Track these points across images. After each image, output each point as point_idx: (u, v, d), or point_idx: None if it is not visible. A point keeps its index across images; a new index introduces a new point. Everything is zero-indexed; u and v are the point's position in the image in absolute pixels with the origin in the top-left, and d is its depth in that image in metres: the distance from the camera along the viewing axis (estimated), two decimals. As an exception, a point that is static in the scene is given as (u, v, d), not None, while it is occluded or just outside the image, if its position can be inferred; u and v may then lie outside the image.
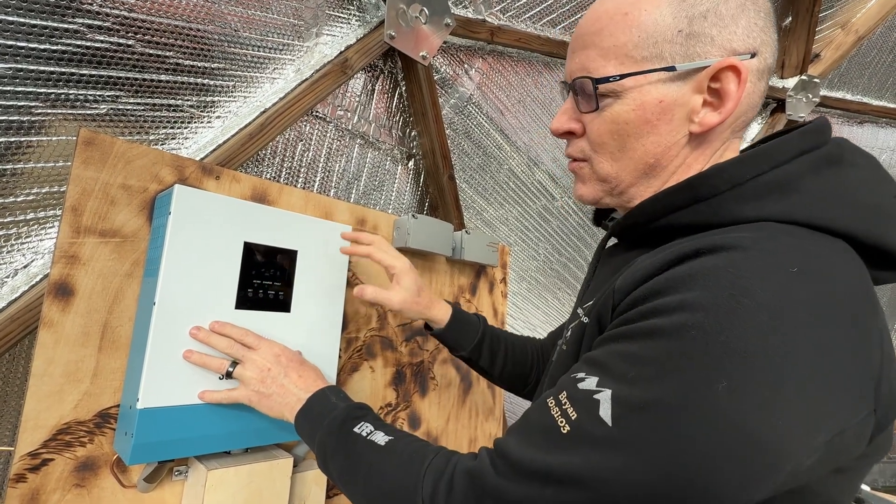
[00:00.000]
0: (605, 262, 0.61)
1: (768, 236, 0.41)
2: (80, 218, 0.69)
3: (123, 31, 0.78)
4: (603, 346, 0.44)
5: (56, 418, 0.67)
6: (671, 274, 0.41)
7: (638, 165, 0.52)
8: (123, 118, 0.84)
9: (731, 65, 0.46)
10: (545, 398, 0.44)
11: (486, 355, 0.88)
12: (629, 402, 0.38)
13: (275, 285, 0.81)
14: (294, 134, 1.11)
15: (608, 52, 0.49)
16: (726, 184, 0.45)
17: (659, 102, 0.49)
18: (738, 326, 0.36)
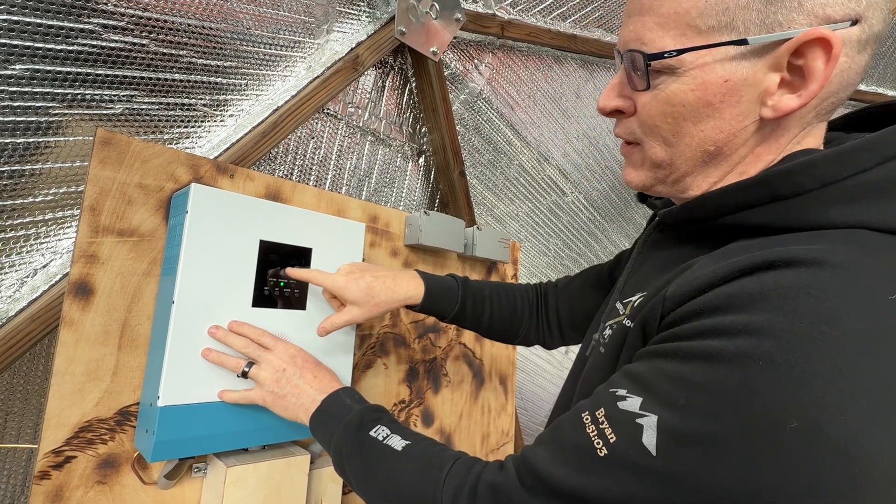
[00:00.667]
0: (651, 253, 0.55)
1: (862, 250, 0.34)
2: (99, 217, 0.70)
3: (138, 31, 0.78)
4: (648, 360, 0.39)
5: (78, 416, 0.68)
6: (737, 287, 0.35)
7: (695, 153, 0.45)
8: (138, 118, 0.84)
9: (821, 36, 0.37)
10: (580, 412, 0.41)
11: (470, 316, 0.85)
12: (677, 433, 0.34)
13: (290, 283, 0.81)
14: (306, 132, 1.11)
15: (667, 21, 0.41)
16: (815, 182, 0.38)
17: (724, 82, 0.41)
18: (817, 361, 0.30)
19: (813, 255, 0.33)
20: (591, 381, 0.49)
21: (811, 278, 0.32)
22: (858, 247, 0.35)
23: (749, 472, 0.31)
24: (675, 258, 0.48)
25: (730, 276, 0.36)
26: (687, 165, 0.46)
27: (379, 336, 1.07)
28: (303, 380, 0.70)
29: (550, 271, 1.86)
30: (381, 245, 1.08)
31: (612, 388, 0.40)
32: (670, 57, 0.41)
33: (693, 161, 0.46)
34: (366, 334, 1.04)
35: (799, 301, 0.31)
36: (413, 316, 1.15)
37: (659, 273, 0.48)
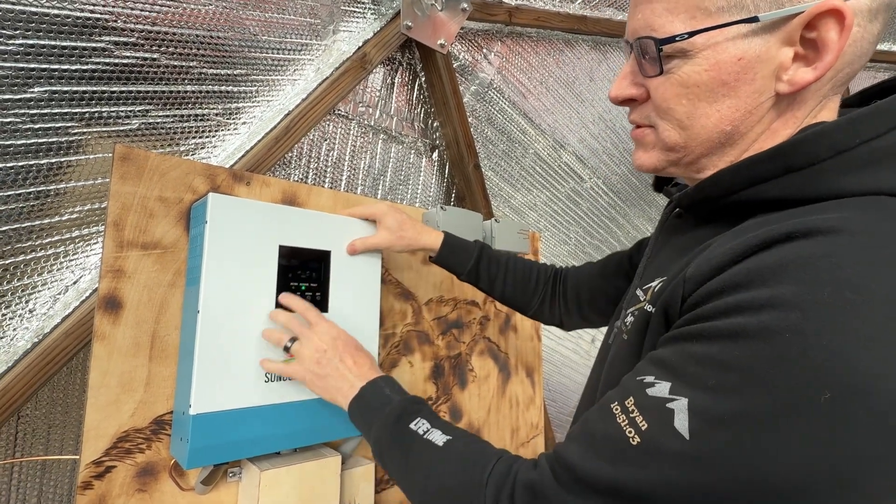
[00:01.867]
0: (670, 239, 0.55)
1: (880, 216, 0.34)
2: (122, 232, 0.71)
3: (148, 46, 0.79)
4: (673, 344, 0.38)
5: (115, 427, 0.69)
6: (756, 262, 0.34)
7: (711, 134, 0.45)
8: (154, 131, 0.85)
9: (833, 7, 0.37)
10: (609, 403, 0.40)
11: (483, 277, 0.90)
12: (709, 415, 0.33)
13: (311, 286, 0.81)
14: (318, 134, 1.11)
15: (676, 5, 0.42)
16: (829, 150, 0.37)
17: (738, 60, 0.41)
18: (845, 329, 0.30)
19: (830, 224, 0.33)
20: (616, 369, 0.49)
21: (830, 246, 0.32)
22: (877, 212, 0.34)
23: (786, 448, 0.30)
24: (693, 241, 0.47)
25: (748, 252, 0.36)
26: (703, 147, 0.46)
27: (402, 335, 1.07)
28: (343, 364, 0.70)
29: (572, 259, 1.83)
30: (400, 243, 1.08)
31: (640, 376, 0.39)
32: (682, 40, 0.41)
33: (709, 142, 0.45)
34: (389, 333, 1.04)
35: (820, 270, 0.31)
36: (436, 311, 1.14)
37: (677, 257, 0.48)
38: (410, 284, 1.09)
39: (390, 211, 0.88)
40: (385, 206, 0.90)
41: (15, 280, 0.75)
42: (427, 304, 1.13)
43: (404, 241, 0.88)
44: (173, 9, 0.79)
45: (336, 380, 0.69)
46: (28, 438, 0.81)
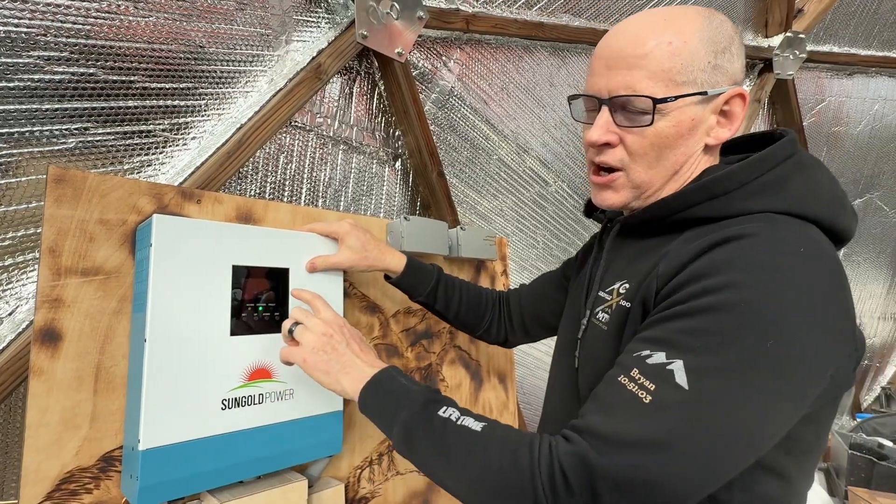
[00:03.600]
0: (619, 251, 0.68)
1: (774, 225, 0.51)
2: (59, 259, 0.67)
3: (83, 60, 0.75)
4: (658, 325, 0.51)
5: (58, 468, 0.65)
6: (709, 259, 0.50)
7: (668, 173, 0.61)
8: (94, 150, 0.81)
9: (740, 93, 0.58)
10: (615, 378, 0.50)
11: (441, 299, 0.94)
12: (700, 369, 0.46)
13: (269, 306, 0.78)
14: (274, 147, 1.08)
15: (656, 76, 0.56)
16: (736, 184, 0.55)
17: (691, 120, 0.58)
18: (775, 297, 0.46)
19: (747, 231, 0.50)
20: (596, 354, 0.62)
21: (751, 244, 0.49)
22: (773, 224, 0.52)
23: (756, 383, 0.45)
24: (642, 250, 0.62)
25: (700, 252, 0.51)
26: (660, 182, 0.61)
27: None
28: (350, 349, 0.69)
29: (541, 263, 1.84)
30: (364, 255, 1.06)
31: (636, 353, 0.50)
32: (671, 101, 0.56)
33: (664, 179, 0.61)
34: (356, 348, 1.02)
35: (753, 261, 0.48)
36: (404, 323, 1.12)
37: (634, 264, 0.62)
38: (376, 297, 1.07)
39: (353, 230, 0.87)
40: (348, 224, 0.88)
41: (-60, 315, 0.69)
42: (394, 317, 1.11)
43: (367, 262, 0.87)
44: (109, 21, 0.76)
45: (342, 364, 0.68)
46: (-38, 485, 0.75)
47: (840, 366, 0.50)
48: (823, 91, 2.40)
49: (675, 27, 0.56)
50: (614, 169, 0.62)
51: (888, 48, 2.39)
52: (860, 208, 2.70)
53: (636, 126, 0.58)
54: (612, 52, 0.59)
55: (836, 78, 2.41)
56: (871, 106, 2.52)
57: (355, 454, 0.98)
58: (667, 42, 0.56)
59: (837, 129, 2.49)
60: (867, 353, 3.03)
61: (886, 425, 2.37)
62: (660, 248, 0.58)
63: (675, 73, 0.56)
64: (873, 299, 2.94)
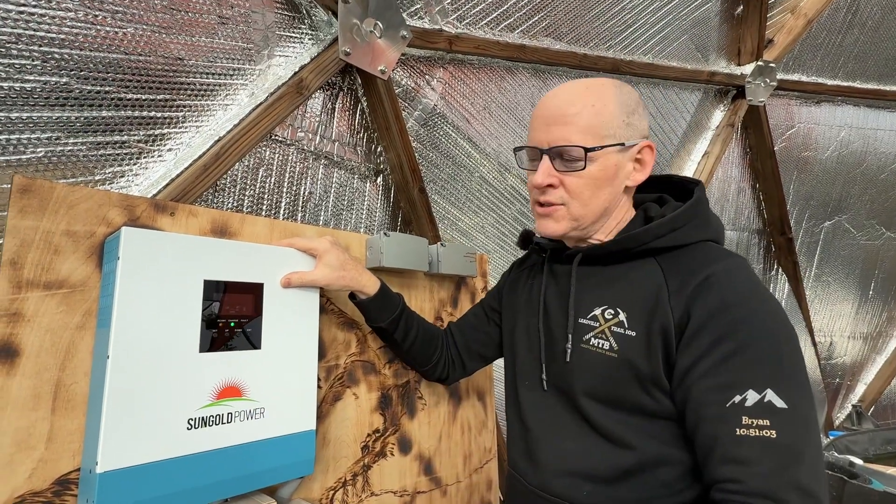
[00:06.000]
0: (588, 278, 0.78)
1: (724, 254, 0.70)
2: (21, 272, 0.65)
3: (56, 70, 0.73)
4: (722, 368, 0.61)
5: (8, 492, 0.61)
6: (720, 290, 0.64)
7: (599, 209, 0.75)
8: (65, 160, 0.79)
9: (649, 144, 0.75)
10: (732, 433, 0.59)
11: (401, 330, 0.96)
12: (783, 387, 0.58)
13: (242, 322, 0.77)
14: (254, 160, 1.07)
15: (585, 131, 0.71)
16: (686, 221, 0.72)
17: (615, 165, 0.73)
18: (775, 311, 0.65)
19: (726, 263, 0.67)
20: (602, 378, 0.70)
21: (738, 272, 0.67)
22: (723, 253, 0.69)
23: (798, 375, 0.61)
24: (612, 277, 0.75)
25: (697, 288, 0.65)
26: (594, 215, 0.75)
27: (346, 366, 1.03)
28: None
29: (521, 280, 1.85)
30: (342, 271, 1.05)
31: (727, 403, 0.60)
32: (599, 150, 0.71)
33: (597, 212, 0.75)
34: (332, 365, 1.00)
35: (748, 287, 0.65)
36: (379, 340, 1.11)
37: (604, 290, 0.74)
38: (353, 313, 1.05)
39: (332, 248, 0.88)
40: (328, 242, 0.88)
41: None
42: (372, 333, 1.09)
43: (343, 281, 0.88)
44: (85, 31, 0.75)
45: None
46: None
47: None
48: (793, 118, 2.50)
49: (595, 94, 0.72)
50: (556, 205, 0.75)
51: (852, 78, 2.51)
52: (829, 230, 2.79)
53: (572, 170, 0.72)
54: (549, 112, 0.73)
55: (805, 105, 2.51)
56: (838, 133, 2.63)
57: (328, 474, 0.96)
58: (591, 105, 0.71)
59: (807, 153, 2.59)
60: (839, 371, 3.10)
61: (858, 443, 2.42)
62: (633, 276, 0.72)
63: (598, 128, 0.71)
64: (843, 318, 3.02)
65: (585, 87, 0.74)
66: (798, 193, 2.62)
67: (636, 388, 0.67)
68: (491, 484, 1.38)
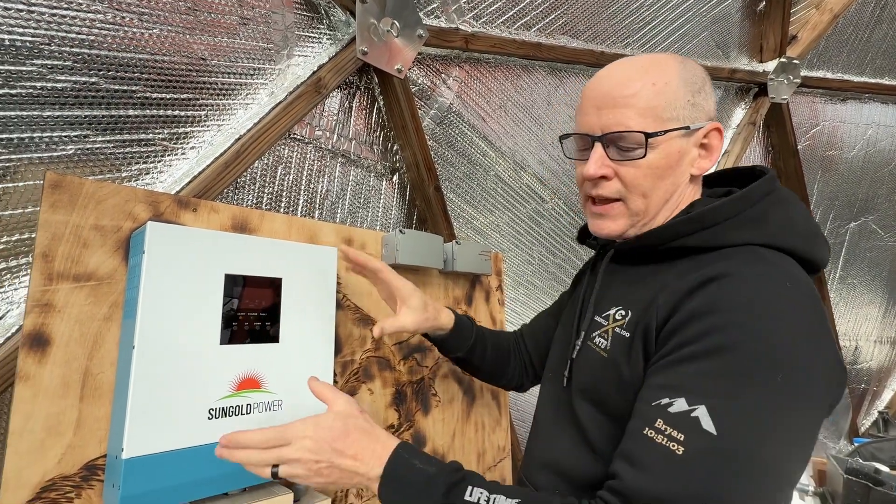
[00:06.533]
0: (614, 277, 0.71)
1: (758, 259, 0.57)
2: (52, 264, 0.67)
3: (86, 69, 0.76)
4: (670, 370, 0.54)
5: (39, 475, 0.64)
6: (708, 296, 0.54)
7: (661, 201, 0.65)
8: (93, 157, 0.82)
9: (717, 127, 0.65)
10: (639, 430, 0.52)
11: (478, 353, 0.93)
12: (723, 411, 0.48)
13: (261, 316, 0.78)
14: (273, 158, 1.09)
15: (645, 113, 0.61)
16: (722, 217, 0.60)
17: (678, 152, 0.63)
18: (774, 332, 0.50)
19: (737, 268, 0.55)
20: (594, 378, 0.65)
21: (744, 281, 0.54)
22: (754, 258, 0.57)
23: (773, 412, 0.48)
24: (637, 277, 0.67)
25: (694, 287, 0.56)
26: (655, 210, 0.66)
27: (362, 361, 1.05)
28: (343, 461, 0.60)
29: (536, 279, 1.84)
30: (358, 267, 1.06)
31: (654, 402, 0.52)
32: (661, 135, 0.61)
33: (659, 206, 0.66)
34: (347, 360, 1.01)
35: (748, 299, 0.52)
36: (396, 336, 1.12)
37: (629, 290, 0.66)
38: (369, 309, 1.06)
39: (416, 290, 0.87)
40: (412, 286, 0.87)
41: (-70, 317, 0.69)
42: (409, 333, 1.11)
43: (428, 323, 0.86)
44: (113, 32, 0.77)
45: (348, 478, 0.60)
46: (-58, 491, 0.74)
47: (833, 392, 0.54)
48: (818, 115, 2.44)
49: (656, 70, 0.63)
50: (611, 200, 0.66)
51: (880, 75, 2.44)
52: (855, 232, 2.71)
53: (629, 159, 0.63)
54: (602, 94, 0.64)
55: (830, 103, 2.45)
56: (865, 131, 2.56)
57: (343, 468, 0.97)
58: (651, 83, 0.62)
59: (832, 152, 2.52)
60: (864, 376, 3.02)
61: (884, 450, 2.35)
62: (654, 276, 0.63)
63: (660, 110, 0.62)
64: (869, 322, 2.94)
65: (644, 63, 0.64)
66: (822, 193, 2.55)
67: (617, 391, 0.60)
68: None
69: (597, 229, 0.69)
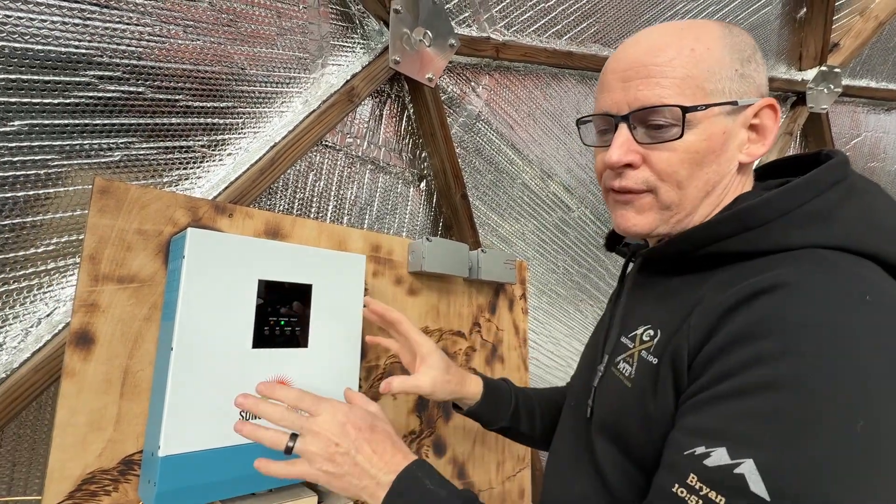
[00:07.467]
0: (643, 291, 0.60)
1: (826, 266, 0.43)
2: (98, 266, 0.70)
3: (133, 80, 0.79)
4: (706, 409, 0.41)
5: (81, 468, 0.67)
6: (756, 314, 0.41)
7: (700, 193, 0.52)
8: (137, 163, 0.85)
9: (771, 104, 0.52)
10: (667, 487, 0.41)
11: (525, 419, 0.82)
12: (779, 468, 0.35)
13: (291, 321, 0.80)
14: (305, 165, 1.11)
15: (683, 84, 0.49)
16: (775, 213, 0.47)
17: (723, 133, 0.50)
18: (851, 363, 0.37)
19: (798, 275, 0.41)
20: (615, 411, 0.53)
21: (808, 293, 0.40)
22: (820, 263, 0.43)
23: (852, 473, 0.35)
24: (667, 291, 0.55)
25: (740, 302, 0.42)
26: (692, 205, 0.53)
27: (386, 367, 1.06)
28: (361, 455, 0.57)
29: (560, 288, 1.83)
30: (385, 274, 1.07)
31: (687, 451, 0.40)
32: (702, 109, 0.49)
33: (697, 200, 0.53)
34: (372, 365, 1.03)
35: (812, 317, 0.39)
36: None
37: (657, 306, 0.54)
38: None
39: (437, 350, 0.78)
40: (433, 344, 0.80)
41: (-14, 313, 0.73)
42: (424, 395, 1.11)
43: (450, 386, 0.77)
44: (160, 44, 0.80)
45: (357, 477, 0.57)
46: (-9, 478, 0.78)
47: None
48: (859, 126, 2.35)
49: (694, 34, 0.51)
50: (637, 192, 0.54)
51: (929, 85, 2.33)
52: (897, 247, 2.60)
53: (662, 141, 0.50)
54: (628, 63, 0.52)
55: (873, 113, 2.35)
56: (911, 142, 2.45)
57: (366, 473, 0.98)
58: (689, 49, 0.50)
59: (873, 164, 2.43)
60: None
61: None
62: (689, 289, 0.51)
63: (702, 80, 0.49)
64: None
65: (680, 26, 0.52)
66: (862, 206, 2.45)
67: (642, 430, 0.48)
68: (523, 493, 1.37)
69: (621, 222, 0.56)
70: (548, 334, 1.85)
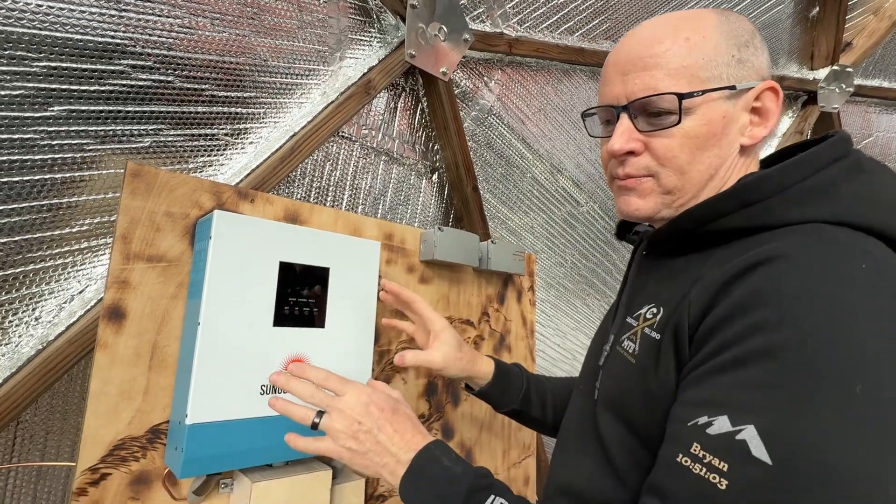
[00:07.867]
0: (647, 273, 0.61)
1: (824, 237, 0.43)
2: (130, 245, 0.74)
3: (164, 69, 0.83)
4: (707, 380, 0.42)
5: (112, 434, 0.71)
6: (754, 285, 0.42)
7: (702, 177, 0.54)
8: (165, 149, 0.89)
9: (772, 86, 0.53)
10: (672, 458, 0.42)
11: (535, 403, 0.83)
12: (779, 433, 0.36)
13: (309, 302, 0.84)
14: (322, 154, 1.15)
15: (677, 73, 0.52)
16: (774, 189, 0.48)
17: (722, 117, 0.52)
18: (848, 329, 0.38)
19: (795, 246, 0.42)
20: (620, 388, 0.55)
21: (804, 263, 0.41)
22: (818, 236, 0.44)
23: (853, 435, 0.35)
24: (671, 270, 0.56)
25: (738, 274, 0.43)
26: (695, 188, 0.55)
27: (397, 351, 1.09)
28: (383, 434, 0.60)
29: (567, 282, 1.85)
30: (398, 262, 1.11)
31: (690, 422, 0.41)
32: (697, 96, 0.51)
33: (700, 184, 0.54)
34: (384, 350, 1.06)
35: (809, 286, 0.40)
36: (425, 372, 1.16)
37: (663, 286, 0.56)
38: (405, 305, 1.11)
39: (450, 328, 0.80)
40: (446, 322, 0.82)
41: (23, 288, 0.77)
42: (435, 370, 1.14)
43: (461, 363, 0.80)
44: (189, 35, 0.84)
45: (378, 455, 0.59)
46: (25, 444, 0.83)
47: None
48: (871, 126, 2.34)
49: (690, 24, 0.53)
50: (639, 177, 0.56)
51: (943, 85, 2.32)
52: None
53: (662, 128, 0.52)
54: (627, 56, 0.55)
55: (886, 113, 2.35)
56: (924, 144, 2.44)
57: (377, 452, 1.02)
58: (684, 38, 0.52)
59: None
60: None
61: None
62: (692, 267, 0.52)
63: (697, 68, 0.51)
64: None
65: (675, 17, 0.54)
66: (873, 207, 2.45)
67: (644, 405, 0.50)
68: (528, 480, 1.41)
69: (623, 207, 0.58)
70: (555, 327, 1.88)
